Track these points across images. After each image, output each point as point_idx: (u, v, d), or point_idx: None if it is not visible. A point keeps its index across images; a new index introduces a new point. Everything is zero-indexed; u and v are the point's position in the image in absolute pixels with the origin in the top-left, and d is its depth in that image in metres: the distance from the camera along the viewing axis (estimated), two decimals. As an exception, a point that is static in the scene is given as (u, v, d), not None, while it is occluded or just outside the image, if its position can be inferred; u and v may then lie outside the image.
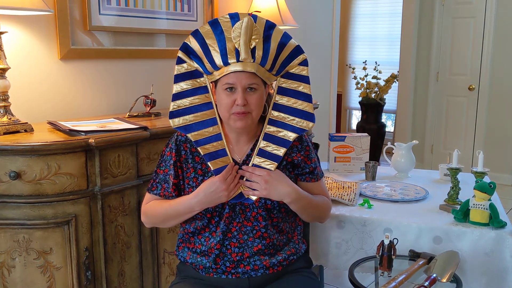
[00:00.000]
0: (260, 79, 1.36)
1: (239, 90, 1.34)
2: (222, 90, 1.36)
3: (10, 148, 1.58)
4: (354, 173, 2.30)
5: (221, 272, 1.43)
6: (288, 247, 1.49)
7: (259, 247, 1.42)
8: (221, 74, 1.35)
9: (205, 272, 1.44)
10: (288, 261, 1.47)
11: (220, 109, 1.39)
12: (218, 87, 1.38)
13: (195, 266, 1.46)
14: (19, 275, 1.66)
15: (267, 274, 1.43)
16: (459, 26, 4.89)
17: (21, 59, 2.00)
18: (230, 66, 1.33)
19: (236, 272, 1.42)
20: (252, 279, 1.43)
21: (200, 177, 1.43)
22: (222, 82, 1.35)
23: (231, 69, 1.33)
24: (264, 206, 1.43)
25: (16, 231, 1.63)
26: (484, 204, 1.62)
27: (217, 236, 1.42)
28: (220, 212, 1.42)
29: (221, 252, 1.42)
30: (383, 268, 1.52)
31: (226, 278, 1.43)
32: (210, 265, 1.43)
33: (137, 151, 1.86)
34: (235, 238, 1.42)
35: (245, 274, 1.42)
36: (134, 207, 1.86)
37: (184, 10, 2.63)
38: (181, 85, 1.42)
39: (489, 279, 1.60)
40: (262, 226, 1.42)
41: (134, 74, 2.45)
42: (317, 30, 3.78)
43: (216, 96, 1.41)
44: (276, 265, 1.44)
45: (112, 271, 1.81)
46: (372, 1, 6.23)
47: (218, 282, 1.44)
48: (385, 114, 6.06)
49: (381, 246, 1.52)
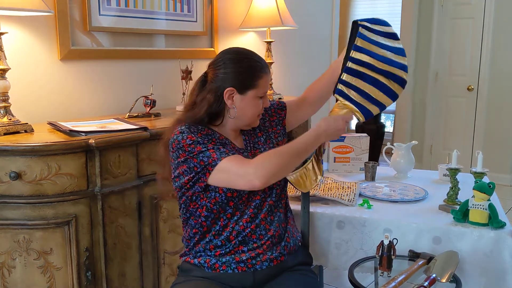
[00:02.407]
0: None
1: (266, 95, 1.52)
2: (255, 97, 1.47)
3: (11, 148, 1.58)
4: (354, 173, 2.31)
5: (227, 266, 1.44)
6: (288, 234, 1.55)
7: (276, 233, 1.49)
8: (261, 83, 1.47)
9: (211, 269, 1.45)
10: (288, 250, 1.52)
11: (247, 114, 1.49)
12: (250, 96, 1.47)
13: (201, 264, 1.47)
14: (20, 276, 1.66)
15: (272, 266, 1.47)
16: (458, 26, 4.90)
17: (21, 60, 2.00)
18: (266, 74, 1.49)
19: (244, 265, 1.44)
20: (257, 272, 1.45)
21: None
22: (261, 90, 1.48)
23: (267, 77, 1.49)
24: (280, 194, 1.53)
25: (17, 231, 1.64)
26: (483, 204, 1.63)
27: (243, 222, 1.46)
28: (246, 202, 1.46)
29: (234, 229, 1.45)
30: (383, 268, 1.52)
31: (232, 273, 1.44)
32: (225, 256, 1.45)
33: (137, 152, 1.86)
34: (263, 224, 1.48)
35: (250, 268, 1.44)
36: (134, 207, 1.86)
37: (184, 11, 2.64)
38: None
39: (488, 279, 1.61)
40: (268, 195, 1.50)
41: (134, 75, 2.45)
42: (316, 30, 3.78)
43: (238, 102, 1.46)
44: (279, 256, 1.48)
45: (113, 272, 1.81)
46: (371, 2, 6.24)
47: (223, 278, 1.45)
48: (384, 114, 6.06)
49: (381, 246, 1.53)
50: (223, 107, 1.47)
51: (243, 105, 1.47)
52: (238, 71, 1.45)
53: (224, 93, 1.45)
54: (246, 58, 1.48)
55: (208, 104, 1.45)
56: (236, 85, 1.45)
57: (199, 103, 1.47)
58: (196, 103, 1.48)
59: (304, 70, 3.59)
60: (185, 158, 1.39)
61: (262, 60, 1.50)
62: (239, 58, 1.47)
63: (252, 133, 1.59)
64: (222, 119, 1.49)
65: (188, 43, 2.72)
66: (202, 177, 1.38)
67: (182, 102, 2.50)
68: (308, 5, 3.65)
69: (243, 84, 1.45)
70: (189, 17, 2.68)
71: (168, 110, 2.49)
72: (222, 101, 1.46)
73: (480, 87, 4.80)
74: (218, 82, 1.45)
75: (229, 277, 1.45)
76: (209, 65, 1.51)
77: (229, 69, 1.45)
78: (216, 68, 1.47)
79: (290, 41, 3.43)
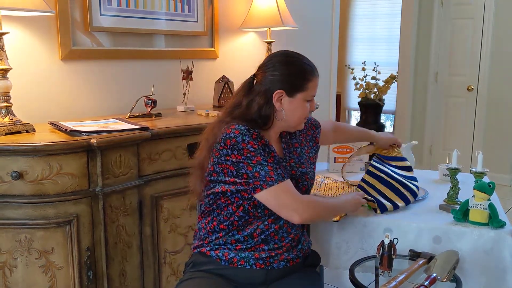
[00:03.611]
0: None
1: (313, 98, 1.55)
2: (304, 100, 1.50)
3: (12, 148, 1.59)
4: (354, 173, 2.31)
5: (245, 261, 1.45)
6: (304, 238, 1.59)
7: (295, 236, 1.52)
8: (310, 86, 1.50)
9: (228, 262, 1.45)
10: (303, 253, 1.55)
11: (295, 117, 1.51)
12: (299, 99, 1.49)
13: (219, 256, 1.46)
14: (21, 275, 1.67)
15: (287, 267, 1.49)
16: (458, 27, 4.91)
17: (22, 60, 2.01)
18: (316, 78, 1.52)
19: (263, 262, 1.45)
20: (273, 271, 1.47)
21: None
22: (309, 93, 1.50)
23: (316, 80, 1.51)
24: (301, 189, 1.53)
25: (18, 231, 1.64)
26: (483, 204, 1.63)
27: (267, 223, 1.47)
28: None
29: (265, 236, 1.46)
30: (384, 267, 1.53)
31: (249, 269, 1.45)
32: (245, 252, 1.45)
33: (138, 151, 1.86)
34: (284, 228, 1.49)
35: (268, 266, 1.46)
36: (135, 207, 1.86)
37: (184, 11, 2.64)
38: None
39: (488, 278, 1.61)
40: None
41: (135, 75, 2.46)
42: (317, 30, 3.79)
43: (286, 105, 1.48)
44: (295, 258, 1.51)
45: (114, 271, 1.82)
46: (371, 2, 6.24)
47: (236, 273, 1.45)
48: (384, 115, 6.07)
49: (382, 246, 1.53)
50: (272, 110, 1.48)
51: (292, 107, 1.48)
52: (288, 73, 1.47)
53: (274, 95, 1.46)
54: (296, 60, 1.50)
55: (259, 106, 1.46)
56: (286, 88, 1.46)
57: (247, 105, 1.47)
58: (242, 104, 1.48)
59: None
60: (238, 161, 1.38)
61: (311, 63, 1.52)
62: (288, 61, 1.49)
63: (290, 142, 1.61)
64: (272, 122, 1.50)
65: (189, 43, 2.72)
66: (249, 189, 1.40)
67: (183, 102, 2.51)
68: (308, 6, 3.65)
69: (292, 86, 1.47)
70: (189, 17, 2.68)
71: (169, 110, 2.49)
72: (271, 104, 1.47)
73: (480, 87, 4.80)
74: (267, 85, 1.46)
75: (244, 272, 1.45)
76: (259, 67, 1.52)
77: (279, 72, 1.47)
78: (265, 70, 1.48)
79: (290, 41, 3.43)
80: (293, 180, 1.50)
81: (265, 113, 1.47)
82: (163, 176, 1.96)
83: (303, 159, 1.60)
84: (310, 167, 1.63)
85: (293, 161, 1.57)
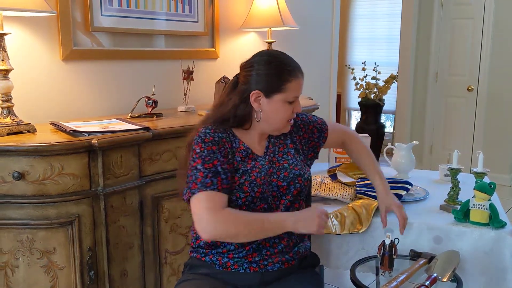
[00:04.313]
0: None
1: (297, 99, 1.48)
2: (284, 102, 1.44)
3: (14, 148, 1.59)
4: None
5: (239, 265, 1.44)
6: (303, 240, 1.55)
7: (290, 242, 1.47)
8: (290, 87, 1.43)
9: (222, 267, 1.45)
10: (299, 255, 1.51)
11: (275, 119, 1.46)
12: (277, 100, 1.43)
13: (213, 261, 1.46)
14: (23, 275, 1.67)
15: (283, 268, 1.47)
16: (458, 27, 4.91)
17: (23, 60, 2.01)
18: (297, 79, 1.45)
19: (257, 265, 1.44)
20: (268, 273, 1.45)
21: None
22: (289, 95, 1.44)
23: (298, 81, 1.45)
24: (292, 192, 1.48)
25: (20, 231, 1.64)
26: (484, 204, 1.64)
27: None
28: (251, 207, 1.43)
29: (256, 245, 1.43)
30: (385, 268, 1.53)
31: (243, 272, 1.44)
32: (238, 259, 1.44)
33: (139, 152, 1.87)
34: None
35: (262, 269, 1.44)
36: (136, 207, 1.87)
37: (185, 11, 2.64)
38: None
39: (489, 278, 1.61)
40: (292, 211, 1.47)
41: (136, 75, 2.46)
42: (317, 30, 3.79)
43: (264, 106, 1.44)
44: (291, 259, 1.48)
45: (115, 271, 1.82)
46: (371, 2, 6.25)
47: (231, 276, 1.45)
48: (384, 115, 6.07)
49: (383, 246, 1.54)
50: (250, 110, 1.46)
51: (270, 109, 1.44)
52: (265, 73, 1.43)
53: (250, 95, 1.44)
54: (275, 60, 1.45)
55: (233, 105, 1.45)
56: (262, 88, 1.43)
57: (225, 104, 1.47)
58: (223, 103, 1.48)
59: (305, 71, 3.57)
60: (188, 162, 1.41)
61: (293, 63, 1.46)
62: (267, 60, 1.45)
63: (279, 142, 1.55)
64: (251, 122, 1.48)
65: (189, 43, 2.72)
66: (188, 194, 1.38)
67: (184, 102, 2.51)
68: (308, 6, 3.66)
69: (269, 87, 1.42)
70: (190, 18, 2.68)
71: (170, 110, 2.49)
72: (248, 104, 1.45)
73: (480, 87, 4.81)
74: (246, 84, 1.45)
75: (239, 276, 1.45)
76: (240, 66, 1.49)
77: (256, 72, 1.44)
78: (246, 70, 1.46)
79: (291, 42, 3.43)
80: (284, 182, 1.46)
81: (241, 113, 1.45)
82: (164, 177, 1.96)
83: (297, 160, 1.54)
84: (305, 169, 1.54)
85: (278, 164, 1.49)
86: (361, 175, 2.11)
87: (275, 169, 1.48)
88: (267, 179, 1.45)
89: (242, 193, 1.40)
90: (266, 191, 1.44)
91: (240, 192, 1.40)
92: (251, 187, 1.41)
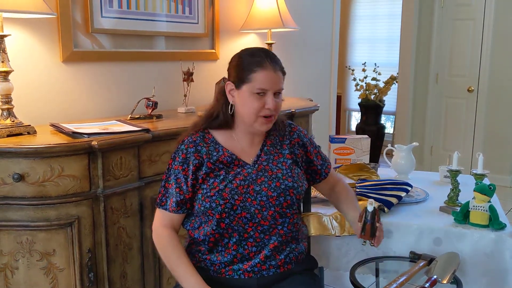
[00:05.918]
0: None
1: (270, 94, 1.40)
2: (251, 93, 1.40)
3: (14, 150, 1.59)
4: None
5: (233, 271, 1.43)
6: (296, 244, 1.51)
7: (275, 244, 1.44)
8: (256, 77, 1.39)
9: (216, 273, 1.45)
10: (296, 258, 1.49)
11: (244, 112, 1.43)
12: (245, 90, 1.41)
13: (208, 266, 1.46)
14: (23, 277, 1.67)
15: (278, 273, 1.45)
16: (459, 28, 4.91)
17: (24, 62, 2.01)
18: (265, 70, 1.39)
19: (252, 271, 1.43)
20: (263, 278, 1.44)
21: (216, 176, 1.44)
22: (255, 85, 1.39)
23: (266, 73, 1.39)
24: (282, 204, 1.44)
25: (20, 232, 1.64)
26: (484, 206, 1.63)
27: (233, 237, 1.42)
28: (231, 215, 1.40)
29: (238, 253, 1.42)
30: (366, 236, 1.41)
31: (238, 279, 1.43)
32: (225, 265, 1.43)
33: (139, 153, 1.87)
34: (252, 238, 1.43)
35: (257, 274, 1.43)
36: (136, 209, 1.87)
37: (185, 13, 2.65)
38: None
39: (489, 280, 1.61)
40: (279, 223, 1.44)
41: (136, 77, 2.46)
42: (317, 31, 3.79)
43: (236, 98, 1.44)
44: (286, 263, 1.46)
45: (114, 273, 1.82)
46: (372, 3, 6.25)
47: (227, 282, 1.44)
48: (384, 116, 6.07)
49: (365, 213, 1.41)
50: (231, 106, 1.46)
51: (239, 101, 1.43)
52: (235, 64, 1.45)
53: (226, 87, 1.46)
54: (247, 52, 1.46)
55: (220, 104, 1.47)
56: (233, 79, 1.44)
57: (215, 105, 1.49)
58: (213, 105, 1.50)
59: (305, 72, 3.60)
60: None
61: (266, 56, 1.42)
62: (242, 54, 1.46)
63: (275, 150, 1.51)
64: (234, 119, 1.47)
65: (189, 45, 2.73)
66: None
67: (184, 103, 2.51)
68: (309, 7, 3.66)
69: (238, 77, 1.42)
70: (190, 19, 2.68)
71: (170, 111, 2.49)
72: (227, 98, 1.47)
73: (480, 88, 4.80)
74: (225, 79, 1.48)
75: (235, 281, 1.44)
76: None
77: (231, 64, 1.47)
78: (228, 66, 1.49)
79: (291, 43, 3.44)
80: (275, 192, 1.42)
81: (225, 110, 1.46)
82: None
83: (292, 172, 1.49)
84: (300, 182, 1.49)
85: (279, 172, 1.46)
86: (361, 177, 2.11)
87: (267, 177, 1.44)
88: (253, 188, 1.42)
89: (222, 200, 1.38)
90: (249, 199, 1.40)
91: (219, 199, 1.39)
92: (231, 195, 1.39)
